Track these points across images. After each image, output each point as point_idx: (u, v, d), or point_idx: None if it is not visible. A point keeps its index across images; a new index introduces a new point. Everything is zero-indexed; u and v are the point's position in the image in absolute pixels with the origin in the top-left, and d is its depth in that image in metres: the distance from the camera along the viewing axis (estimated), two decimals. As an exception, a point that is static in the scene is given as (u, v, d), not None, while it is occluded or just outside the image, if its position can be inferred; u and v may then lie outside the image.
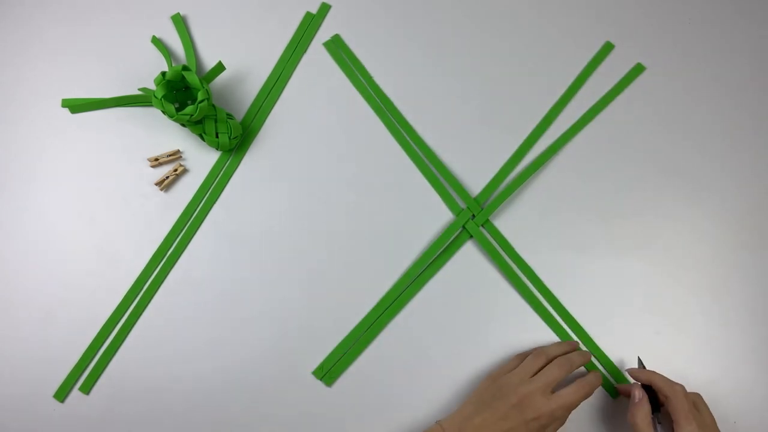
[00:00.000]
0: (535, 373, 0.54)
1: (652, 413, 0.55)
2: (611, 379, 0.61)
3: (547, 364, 0.55)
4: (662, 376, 0.56)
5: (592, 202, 0.65)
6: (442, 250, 0.63)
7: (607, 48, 0.69)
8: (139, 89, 0.63)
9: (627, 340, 0.62)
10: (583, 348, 0.61)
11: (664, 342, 0.62)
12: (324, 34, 0.68)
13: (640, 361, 0.60)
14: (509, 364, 0.57)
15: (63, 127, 0.64)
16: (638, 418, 0.53)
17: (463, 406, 0.54)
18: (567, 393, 0.52)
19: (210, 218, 0.63)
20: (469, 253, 0.64)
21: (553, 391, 0.53)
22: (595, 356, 0.62)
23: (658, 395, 0.55)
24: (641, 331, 0.62)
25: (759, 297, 0.63)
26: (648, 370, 0.57)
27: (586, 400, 0.58)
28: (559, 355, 0.56)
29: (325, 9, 0.68)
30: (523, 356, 0.58)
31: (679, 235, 0.65)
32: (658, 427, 0.55)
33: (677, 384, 0.54)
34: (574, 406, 0.52)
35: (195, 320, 0.61)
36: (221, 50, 0.67)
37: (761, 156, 0.67)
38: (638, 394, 0.55)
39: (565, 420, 0.53)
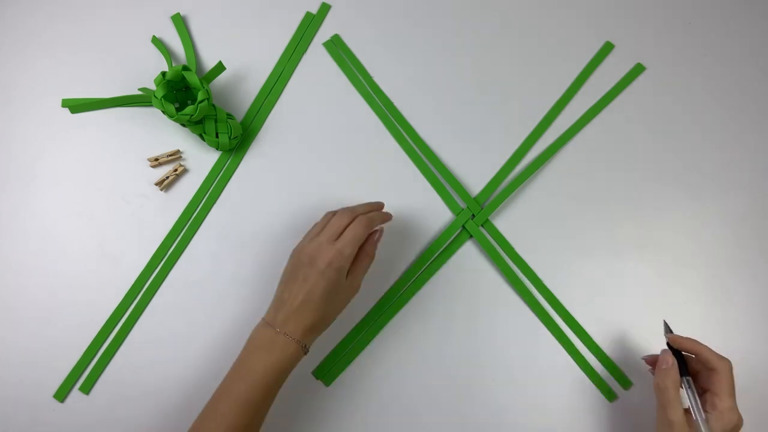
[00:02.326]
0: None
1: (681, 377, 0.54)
2: (610, 381, 0.61)
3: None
4: (707, 346, 0.54)
5: (592, 201, 0.65)
6: (441, 249, 0.63)
7: (607, 48, 0.69)
8: (139, 89, 0.63)
9: (627, 340, 0.62)
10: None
11: (665, 342, 0.62)
12: (324, 34, 0.68)
13: (666, 325, 0.58)
14: (307, 234, 0.57)
15: (63, 127, 0.64)
16: (669, 381, 0.52)
17: (276, 291, 0.55)
18: (348, 230, 0.53)
19: (210, 218, 0.63)
20: (468, 252, 0.64)
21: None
22: (595, 356, 0.61)
23: (687, 364, 0.55)
24: (641, 331, 0.62)
25: (759, 296, 0.63)
26: (692, 339, 0.55)
27: (585, 402, 0.58)
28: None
29: (325, 9, 0.68)
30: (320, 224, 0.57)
31: (679, 235, 0.65)
32: (688, 391, 0.53)
33: (725, 358, 0.53)
34: (358, 238, 0.53)
35: (195, 320, 0.61)
36: (221, 50, 0.67)
37: (761, 156, 0.67)
38: (669, 359, 0.54)
39: (364, 254, 0.55)
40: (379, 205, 0.59)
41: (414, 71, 0.68)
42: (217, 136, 0.61)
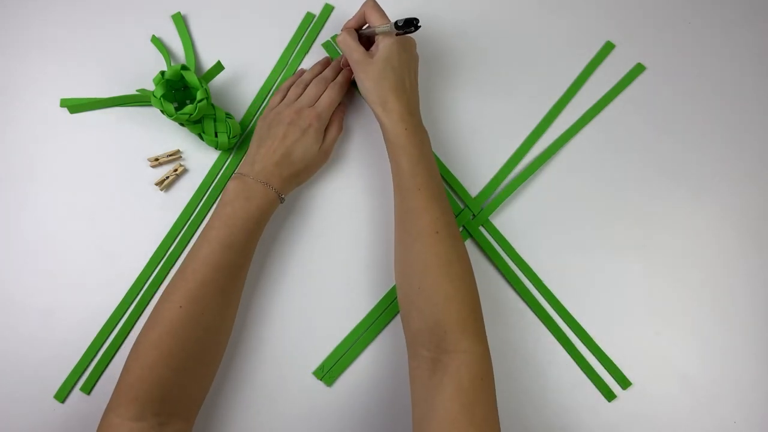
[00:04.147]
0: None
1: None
2: (610, 381, 0.61)
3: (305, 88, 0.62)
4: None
5: (592, 201, 0.65)
6: (442, 250, 0.63)
7: (608, 48, 0.69)
8: (137, 90, 0.63)
9: (627, 340, 0.62)
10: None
11: (664, 342, 0.62)
12: (325, 34, 0.68)
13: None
14: (272, 102, 0.62)
15: (63, 127, 0.64)
16: (347, 33, 0.59)
17: (248, 150, 0.59)
18: (324, 96, 0.60)
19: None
20: (468, 252, 0.64)
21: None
22: (594, 355, 0.62)
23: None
24: (641, 331, 0.62)
25: (759, 296, 0.64)
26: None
27: (584, 402, 0.59)
28: (314, 78, 0.63)
29: (328, 10, 0.68)
30: (282, 91, 0.63)
31: (679, 235, 0.65)
32: (362, 30, 0.61)
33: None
34: (334, 103, 0.60)
35: (195, 320, 0.61)
36: (221, 50, 0.67)
37: (761, 156, 0.67)
38: (344, 30, 0.61)
39: (335, 123, 0.61)
40: (325, 63, 0.65)
41: (414, 71, 0.68)
42: (216, 136, 0.61)
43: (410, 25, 0.55)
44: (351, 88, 0.65)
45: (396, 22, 0.55)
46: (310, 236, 0.63)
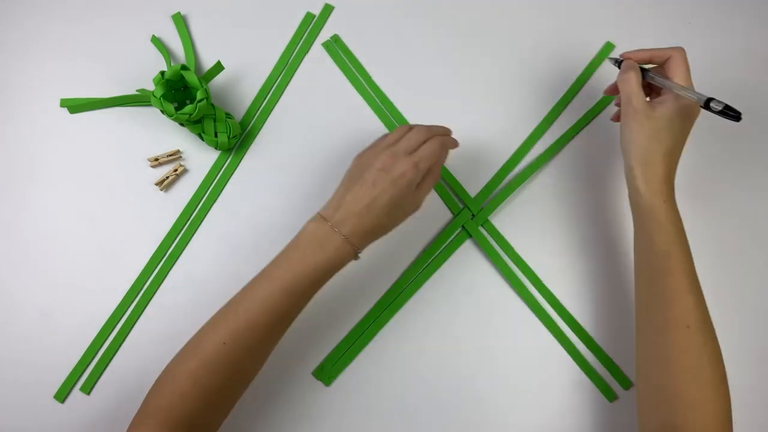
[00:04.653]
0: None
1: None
2: (610, 381, 0.61)
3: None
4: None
5: (592, 201, 0.65)
6: (441, 249, 0.63)
7: (608, 48, 0.69)
8: (137, 90, 0.63)
9: (627, 341, 0.62)
10: None
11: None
12: (325, 34, 0.68)
13: (614, 58, 0.58)
14: (376, 140, 0.56)
15: (63, 128, 0.64)
16: (631, 73, 0.53)
17: (336, 191, 0.54)
18: (425, 147, 0.53)
19: (210, 218, 0.63)
20: (468, 252, 0.64)
21: None
22: (594, 356, 0.62)
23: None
24: (641, 331, 0.62)
25: (759, 297, 0.63)
26: (641, 49, 0.55)
27: (584, 402, 0.58)
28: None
29: (328, 10, 0.68)
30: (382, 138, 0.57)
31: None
32: (651, 74, 0.54)
33: (679, 46, 0.54)
34: (434, 156, 0.53)
35: (195, 320, 0.61)
36: (221, 50, 0.67)
37: (761, 155, 0.67)
38: (628, 63, 0.55)
39: (432, 173, 0.54)
40: (449, 130, 0.59)
41: (414, 71, 0.67)
42: (216, 136, 0.61)
43: (730, 113, 0.47)
44: (456, 141, 0.59)
45: (710, 100, 0.48)
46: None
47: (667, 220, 0.51)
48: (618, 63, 0.57)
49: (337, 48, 0.67)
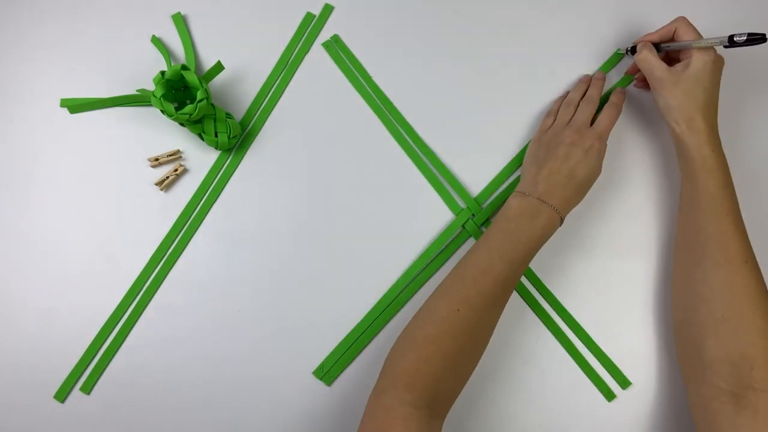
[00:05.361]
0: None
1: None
2: (610, 381, 0.61)
3: (576, 109, 0.62)
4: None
5: (592, 202, 0.65)
6: (441, 249, 0.63)
7: (615, 57, 0.68)
8: (137, 90, 0.63)
9: (627, 341, 0.62)
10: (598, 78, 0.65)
11: (664, 342, 0.62)
12: (325, 34, 0.68)
13: (627, 49, 0.65)
14: (543, 124, 0.63)
15: (63, 127, 0.64)
16: (647, 49, 0.59)
17: (523, 173, 0.60)
18: (603, 117, 0.60)
19: (209, 218, 0.63)
20: (468, 253, 0.64)
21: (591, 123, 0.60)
22: (594, 355, 0.62)
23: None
24: (641, 332, 0.62)
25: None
26: (651, 33, 0.61)
27: (584, 402, 0.59)
28: (581, 98, 0.63)
29: (328, 10, 0.68)
30: (552, 113, 0.63)
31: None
32: (668, 45, 0.60)
33: (679, 17, 0.59)
34: (612, 125, 0.60)
35: (195, 320, 0.61)
36: (221, 50, 0.67)
37: (761, 156, 0.67)
38: (642, 43, 0.60)
39: (606, 140, 0.59)
40: (603, 77, 0.65)
41: (414, 71, 0.67)
42: (216, 136, 0.61)
43: (755, 38, 0.52)
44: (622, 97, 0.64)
45: (732, 36, 0.54)
46: (310, 236, 0.63)
47: (717, 167, 0.55)
48: (630, 50, 0.63)
49: (337, 48, 0.67)
